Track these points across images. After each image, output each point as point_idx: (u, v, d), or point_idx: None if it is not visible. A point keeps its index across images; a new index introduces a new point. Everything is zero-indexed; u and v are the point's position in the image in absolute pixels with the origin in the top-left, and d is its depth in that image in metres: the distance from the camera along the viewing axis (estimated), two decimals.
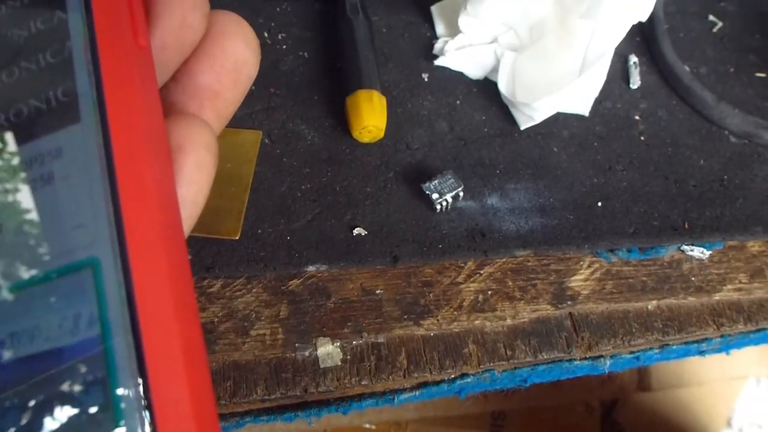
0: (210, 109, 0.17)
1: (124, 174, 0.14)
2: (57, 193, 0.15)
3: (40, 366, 0.14)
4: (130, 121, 0.15)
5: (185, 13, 0.16)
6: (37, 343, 0.14)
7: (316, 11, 0.44)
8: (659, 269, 0.36)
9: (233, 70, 0.17)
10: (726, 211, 0.38)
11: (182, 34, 0.16)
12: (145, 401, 0.13)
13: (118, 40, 0.15)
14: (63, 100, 0.15)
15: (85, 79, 0.15)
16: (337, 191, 0.37)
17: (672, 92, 0.43)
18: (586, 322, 0.35)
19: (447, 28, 0.43)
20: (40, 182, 0.15)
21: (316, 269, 0.34)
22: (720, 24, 0.47)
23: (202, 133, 0.16)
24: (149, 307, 0.14)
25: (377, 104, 0.37)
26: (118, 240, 0.14)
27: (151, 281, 0.14)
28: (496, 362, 0.33)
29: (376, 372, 0.32)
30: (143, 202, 0.14)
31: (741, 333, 0.37)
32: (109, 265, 0.14)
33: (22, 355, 0.14)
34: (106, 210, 0.15)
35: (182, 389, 0.14)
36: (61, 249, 0.15)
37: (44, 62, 0.16)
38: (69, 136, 0.15)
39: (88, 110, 0.15)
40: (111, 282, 0.14)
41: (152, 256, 0.14)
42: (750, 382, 0.89)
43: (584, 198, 0.38)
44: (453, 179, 0.36)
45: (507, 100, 0.40)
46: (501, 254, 0.36)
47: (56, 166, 0.15)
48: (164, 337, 0.14)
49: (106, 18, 0.15)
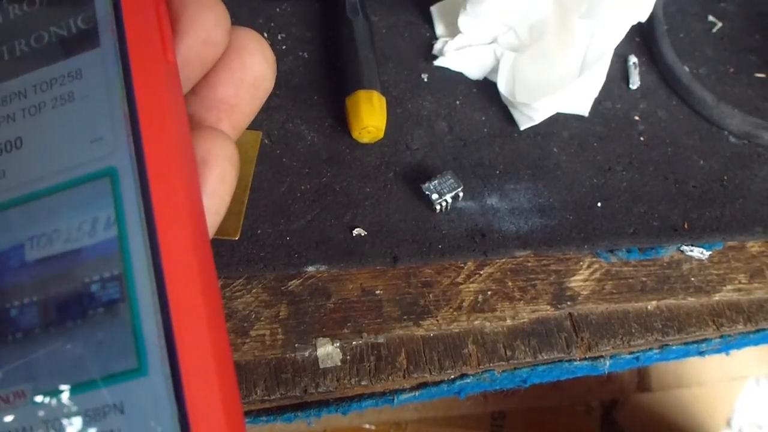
0: (227, 121, 0.18)
1: (155, 180, 0.15)
2: (77, 110, 0.16)
3: (60, 265, 0.15)
4: (162, 136, 0.15)
5: (209, 30, 0.17)
6: (56, 245, 0.15)
7: (316, 11, 0.44)
8: (659, 269, 0.36)
9: (252, 84, 0.18)
10: (726, 212, 0.38)
11: (205, 49, 0.17)
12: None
13: (148, 56, 0.16)
14: (83, 27, 0.16)
15: (103, 6, 0.16)
16: (337, 191, 0.37)
17: (672, 92, 0.43)
18: (586, 322, 0.35)
19: (447, 29, 0.43)
20: (60, 101, 0.16)
21: (316, 269, 0.34)
22: (720, 24, 0.47)
23: (225, 147, 0.17)
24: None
25: (377, 104, 0.37)
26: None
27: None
28: (496, 362, 0.33)
29: (375, 372, 0.32)
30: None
31: (741, 333, 0.37)
32: (127, 173, 0.15)
33: (42, 255, 0.15)
34: (124, 123, 0.15)
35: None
36: (80, 160, 0.15)
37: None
38: (89, 59, 0.16)
39: (107, 36, 0.16)
40: (128, 189, 0.15)
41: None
42: (750, 382, 0.89)
43: (584, 198, 0.38)
44: (453, 179, 0.36)
45: (507, 100, 0.40)
46: (501, 254, 0.36)
47: (76, 86, 0.16)
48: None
49: (138, 35, 0.16)
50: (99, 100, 0.16)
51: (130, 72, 0.16)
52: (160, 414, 0.14)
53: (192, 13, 0.16)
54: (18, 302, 0.15)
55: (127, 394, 0.14)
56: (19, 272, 0.15)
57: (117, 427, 0.14)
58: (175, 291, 0.14)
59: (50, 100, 0.16)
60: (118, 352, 0.14)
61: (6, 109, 0.16)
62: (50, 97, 0.16)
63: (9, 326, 0.15)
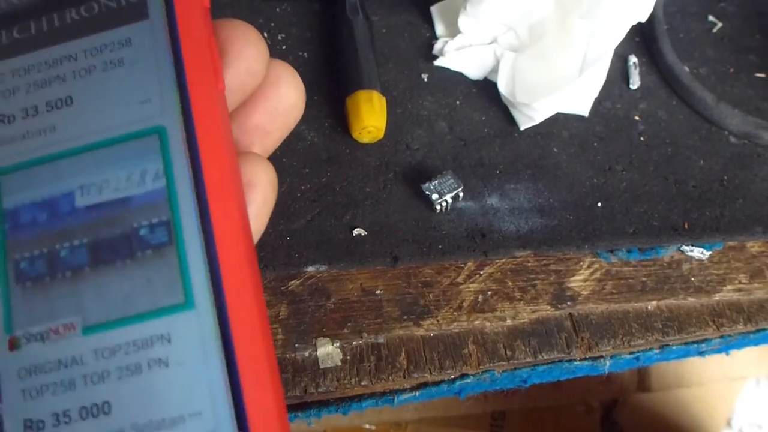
0: (259, 145, 0.20)
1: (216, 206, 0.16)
2: (126, 74, 0.17)
3: (109, 211, 0.16)
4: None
5: (251, 63, 0.18)
6: (105, 194, 0.16)
7: (316, 11, 0.44)
8: (659, 269, 0.36)
9: (285, 113, 0.20)
10: (726, 212, 0.38)
11: (247, 80, 0.18)
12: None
13: (205, 84, 0.17)
14: (132, 1, 0.18)
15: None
16: (337, 191, 0.37)
17: (672, 92, 0.43)
18: (586, 322, 0.35)
19: (447, 29, 0.43)
20: (110, 65, 0.17)
21: (316, 269, 0.34)
22: (720, 24, 0.47)
23: (268, 172, 0.19)
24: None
25: (377, 105, 0.37)
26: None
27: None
28: (496, 362, 0.33)
29: (375, 372, 0.32)
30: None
31: (741, 333, 0.37)
32: (175, 132, 0.16)
33: (91, 203, 0.16)
34: (172, 87, 0.17)
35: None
36: (129, 119, 0.17)
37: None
38: (138, 29, 0.18)
39: (156, 9, 0.18)
40: (176, 145, 0.16)
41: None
42: (750, 382, 0.89)
43: (584, 198, 0.38)
44: (453, 179, 0.36)
45: (507, 100, 0.40)
46: (501, 254, 0.36)
47: (125, 52, 0.17)
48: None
49: (195, 65, 0.17)
50: (148, 66, 0.17)
51: (178, 42, 0.17)
52: (206, 342, 0.15)
53: (238, 47, 0.18)
54: (68, 243, 0.16)
55: (173, 325, 0.15)
56: (68, 217, 0.16)
57: (164, 355, 0.15)
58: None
59: (100, 64, 0.17)
60: (166, 288, 0.15)
61: (57, 70, 0.17)
62: (100, 61, 0.17)
63: (59, 265, 0.16)
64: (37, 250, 0.16)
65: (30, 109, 0.17)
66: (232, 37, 0.18)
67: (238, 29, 0.18)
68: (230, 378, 0.15)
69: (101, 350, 0.15)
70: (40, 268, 0.16)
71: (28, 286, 0.16)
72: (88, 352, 0.15)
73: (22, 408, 0.15)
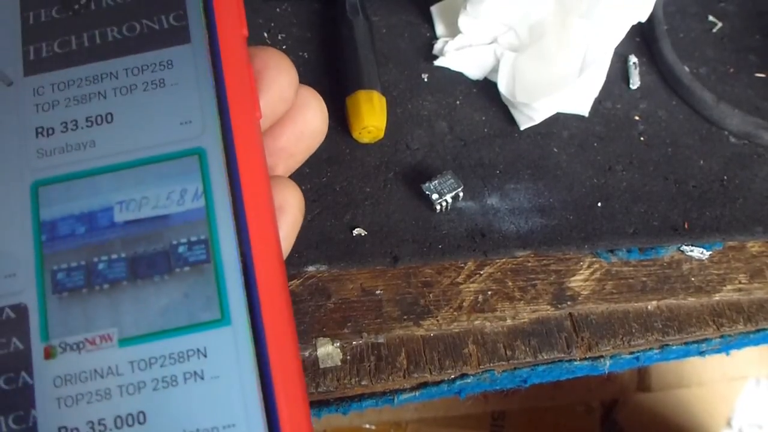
0: (283, 166, 0.21)
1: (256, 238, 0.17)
2: (167, 95, 0.18)
3: (148, 228, 0.17)
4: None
5: (283, 89, 0.19)
6: (144, 210, 0.17)
7: (316, 11, 0.44)
8: (659, 269, 0.36)
9: (309, 136, 0.21)
10: (726, 212, 0.38)
11: (278, 105, 0.19)
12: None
13: (245, 110, 0.18)
14: (174, 24, 0.18)
15: (195, 4, 0.18)
16: (337, 191, 0.37)
17: (672, 92, 0.43)
18: (586, 322, 0.35)
19: (447, 29, 0.43)
20: (151, 85, 0.18)
21: (316, 269, 0.34)
22: (720, 24, 0.47)
23: (297, 196, 0.20)
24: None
25: (377, 104, 0.37)
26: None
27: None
28: (496, 362, 0.33)
29: (376, 372, 0.32)
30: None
31: (741, 333, 0.37)
32: (215, 154, 0.17)
33: (130, 218, 0.17)
34: (213, 111, 0.17)
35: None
36: (168, 138, 0.17)
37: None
38: (180, 52, 0.18)
39: (198, 34, 0.18)
40: (216, 167, 0.17)
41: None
42: (750, 382, 0.89)
43: (584, 198, 0.38)
44: (453, 179, 0.36)
45: (507, 100, 0.40)
46: (501, 254, 0.36)
47: (167, 74, 0.18)
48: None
49: (236, 90, 0.18)
50: (189, 88, 0.18)
51: (220, 67, 0.18)
52: (241, 358, 0.15)
53: (273, 74, 0.19)
54: (106, 256, 0.16)
55: (210, 340, 0.16)
56: (107, 231, 0.17)
57: (200, 368, 0.15)
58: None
59: (141, 83, 0.18)
60: (203, 304, 0.16)
61: (97, 86, 0.18)
62: (141, 80, 0.18)
63: (96, 277, 0.16)
64: (75, 262, 0.16)
65: (70, 123, 0.18)
66: (267, 65, 0.19)
67: (272, 57, 0.19)
68: (264, 392, 0.15)
69: (137, 362, 0.16)
70: (78, 279, 0.16)
71: (65, 297, 0.16)
72: (125, 363, 0.16)
73: (57, 416, 0.15)
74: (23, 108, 0.18)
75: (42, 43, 0.18)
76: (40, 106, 0.18)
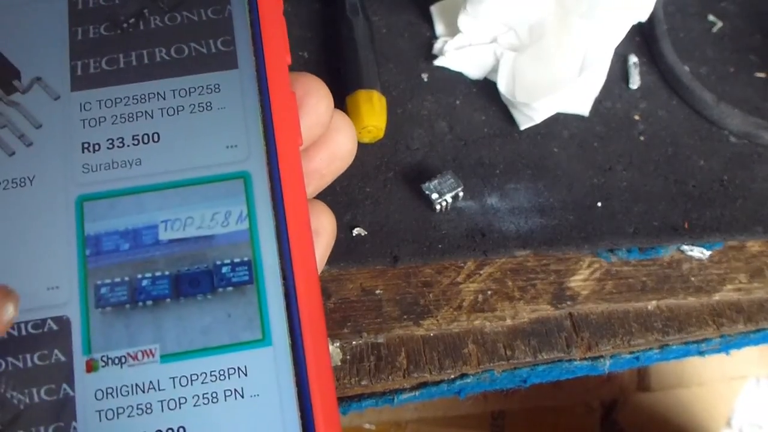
0: (313, 187, 0.22)
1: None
2: (213, 118, 0.18)
3: (192, 247, 0.17)
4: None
5: (320, 115, 0.20)
6: (189, 230, 0.17)
7: (316, 11, 0.44)
8: (659, 269, 0.36)
9: (340, 159, 0.22)
10: (726, 212, 0.38)
11: (315, 129, 0.20)
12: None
13: (289, 136, 0.18)
14: (222, 49, 0.19)
15: (243, 31, 0.19)
16: (337, 191, 0.37)
17: (672, 92, 0.43)
18: (586, 322, 0.35)
19: (447, 28, 0.43)
20: (198, 107, 0.18)
21: None
22: (720, 24, 0.47)
23: (331, 221, 0.21)
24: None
25: (377, 104, 0.37)
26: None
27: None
28: (496, 362, 0.33)
29: (375, 372, 0.32)
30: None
31: (741, 333, 0.37)
32: (260, 179, 0.17)
33: (175, 237, 0.17)
34: (259, 136, 0.18)
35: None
36: (214, 161, 0.18)
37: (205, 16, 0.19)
38: (227, 77, 0.18)
39: (246, 60, 0.19)
40: (261, 191, 0.17)
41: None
42: (750, 382, 0.89)
43: (584, 198, 0.38)
44: (453, 179, 0.36)
45: (507, 100, 0.40)
46: (501, 254, 0.36)
47: (214, 97, 0.18)
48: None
49: (282, 117, 0.18)
50: (235, 113, 0.18)
51: (267, 93, 0.18)
52: (281, 377, 0.16)
53: (313, 102, 0.20)
54: (149, 273, 0.17)
55: (250, 360, 0.16)
56: (151, 248, 0.17)
57: (240, 386, 0.16)
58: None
59: (188, 105, 0.18)
60: (245, 324, 0.16)
61: (144, 105, 0.18)
62: (188, 102, 0.18)
63: (140, 293, 0.17)
64: (118, 278, 0.17)
65: (116, 140, 0.18)
66: (307, 92, 0.20)
67: (312, 84, 0.20)
68: (302, 412, 0.15)
69: (179, 378, 0.16)
70: (121, 294, 0.17)
71: (108, 311, 0.16)
72: (166, 379, 0.16)
73: (98, 428, 0.15)
74: (69, 123, 0.18)
75: (89, 60, 0.18)
76: (86, 121, 0.18)
